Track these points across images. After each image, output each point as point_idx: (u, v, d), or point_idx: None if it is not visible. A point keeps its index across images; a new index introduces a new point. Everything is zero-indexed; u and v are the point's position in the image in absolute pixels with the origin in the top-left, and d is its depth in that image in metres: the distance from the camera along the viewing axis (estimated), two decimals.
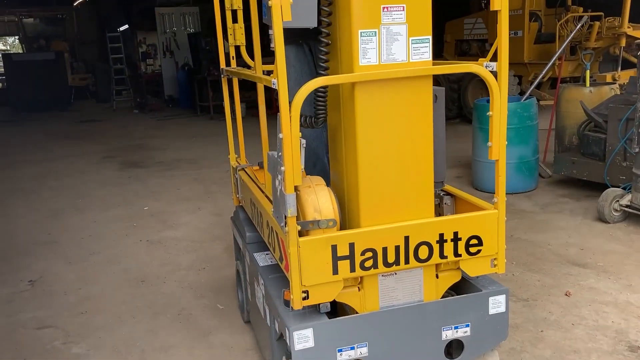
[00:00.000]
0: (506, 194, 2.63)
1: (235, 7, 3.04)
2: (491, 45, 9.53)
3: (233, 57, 3.27)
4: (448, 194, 2.69)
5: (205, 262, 4.54)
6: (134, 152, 9.75)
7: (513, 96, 9.36)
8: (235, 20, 3.10)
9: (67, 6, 24.71)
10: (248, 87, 9.75)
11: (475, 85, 10.44)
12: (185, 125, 12.79)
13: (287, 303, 2.30)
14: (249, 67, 3.12)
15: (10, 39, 34.74)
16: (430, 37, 2.17)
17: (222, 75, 3.44)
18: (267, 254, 2.90)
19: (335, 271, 2.19)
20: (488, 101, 6.44)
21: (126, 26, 21.37)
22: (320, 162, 2.73)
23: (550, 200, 5.62)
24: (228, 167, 3.86)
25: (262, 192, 2.86)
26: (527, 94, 6.23)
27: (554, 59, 6.94)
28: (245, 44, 3.16)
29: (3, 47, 36.59)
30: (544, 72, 6.72)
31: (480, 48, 11.21)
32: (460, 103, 10.84)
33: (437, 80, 11.23)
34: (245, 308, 3.44)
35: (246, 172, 3.35)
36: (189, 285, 4.12)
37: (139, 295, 4.02)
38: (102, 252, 4.92)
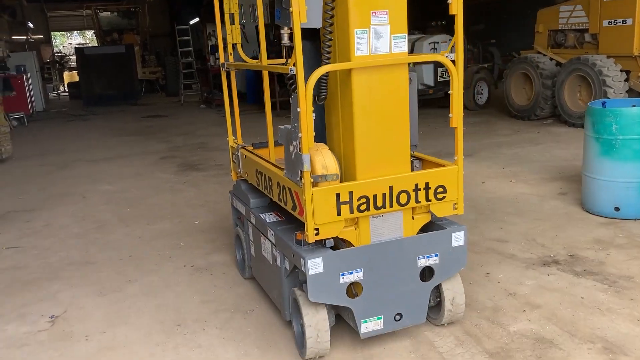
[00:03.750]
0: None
1: (232, 12, 3.68)
2: (592, 35, 8.10)
3: (231, 53, 3.81)
4: (417, 158, 3.36)
5: (256, 300, 3.76)
6: (194, 153, 9.20)
7: (625, 98, 8.12)
8: (232, 22, 3.68)
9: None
10: None
11: (572, 82, 9.16)
12: (250, 122, 12.10)
13: (299, 242, 2.91)
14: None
15: (89, 33, 35.69)
16: (406, 34, 2.81)
17: (222, 69, 3.90)
18: (270, 214, 3.49)
19: (338, 213, 2.79)
20: (604, 104, 5.26)
21: (197, 19, 21.11)
22: (319, 135, 3.03)
23: None
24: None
25: (269, 162, 3.43)
26: None
27: None
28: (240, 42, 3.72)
29: (83, 41, 37.74)
30: None
31: (578, 39, 9.81)
32: (554, 101, 9.61)
33: (531, 78, 9.99)
34: (247, 264, 3.96)
35: (247, 150, 3.85)
36: (231, 336, 3.34)
37: (170, 347, 3.28)
38: (139, 280, 4.24)
